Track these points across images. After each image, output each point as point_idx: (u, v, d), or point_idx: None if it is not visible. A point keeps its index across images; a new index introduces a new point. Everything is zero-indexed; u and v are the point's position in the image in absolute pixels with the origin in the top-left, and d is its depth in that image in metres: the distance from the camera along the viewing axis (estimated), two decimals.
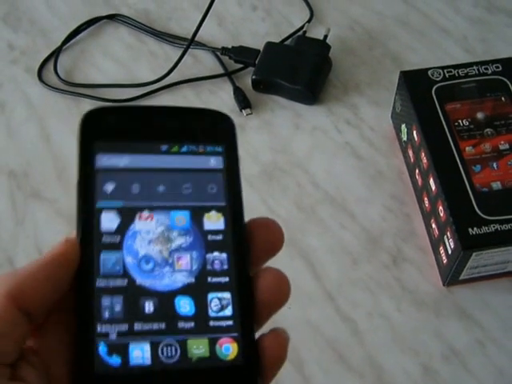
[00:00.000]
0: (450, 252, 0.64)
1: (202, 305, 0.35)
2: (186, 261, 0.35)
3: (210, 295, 0.35)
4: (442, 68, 0.73)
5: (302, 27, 0.89)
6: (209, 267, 0.35)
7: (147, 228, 0.35)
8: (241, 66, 0.86)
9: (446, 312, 0.67)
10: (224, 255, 0.36)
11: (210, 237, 0.36)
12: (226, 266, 0.36)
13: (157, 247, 0.35)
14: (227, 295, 0.35)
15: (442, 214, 0.65)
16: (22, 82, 0.88)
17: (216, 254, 0.36)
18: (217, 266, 0.36)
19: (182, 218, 0.36)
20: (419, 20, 0.90)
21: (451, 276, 0.66)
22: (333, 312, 0.68)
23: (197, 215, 0.36)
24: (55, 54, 0.90)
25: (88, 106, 0.84)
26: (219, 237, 0.36)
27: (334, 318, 0.67)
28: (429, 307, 0.67)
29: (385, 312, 0.68)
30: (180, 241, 0.36)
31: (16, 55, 0.91)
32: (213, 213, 0.37)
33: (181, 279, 0.35)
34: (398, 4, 0.92)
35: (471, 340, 0.65)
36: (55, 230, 0.74)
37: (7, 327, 0.32)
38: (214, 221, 0.37)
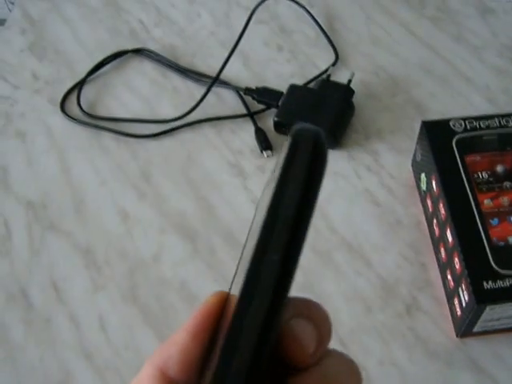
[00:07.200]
0: (464, 304, 0.63)
1: None
2: None
3: None
4: (464, 119, 0.72)
5: (326, 70, 0.89)
6: None
7: None
8: (263, 106, 0.87)
9: (459, 364, 0.66)
10: None
11: None
12: None
13: None
14: None
15: (457, 266, 0.64)
16: (44, 112, 0.89)
17: None
18: None
19: None
20: (443, 68, 0.90)
21: (465, 328, 0.65)
22: None
23: None
24: (79, 85, 0.91)
25: (109, 139, 0.84)
26: None
27: None
28: (441, 358, 0.67)
29: (396, 361, 0.67)
30: None
31: (40, 85, 0.92)
32: None
33: None
34: (423, 51, 0.92)
35: None
36: (70, 263, 0.74)
37: None
38: None
